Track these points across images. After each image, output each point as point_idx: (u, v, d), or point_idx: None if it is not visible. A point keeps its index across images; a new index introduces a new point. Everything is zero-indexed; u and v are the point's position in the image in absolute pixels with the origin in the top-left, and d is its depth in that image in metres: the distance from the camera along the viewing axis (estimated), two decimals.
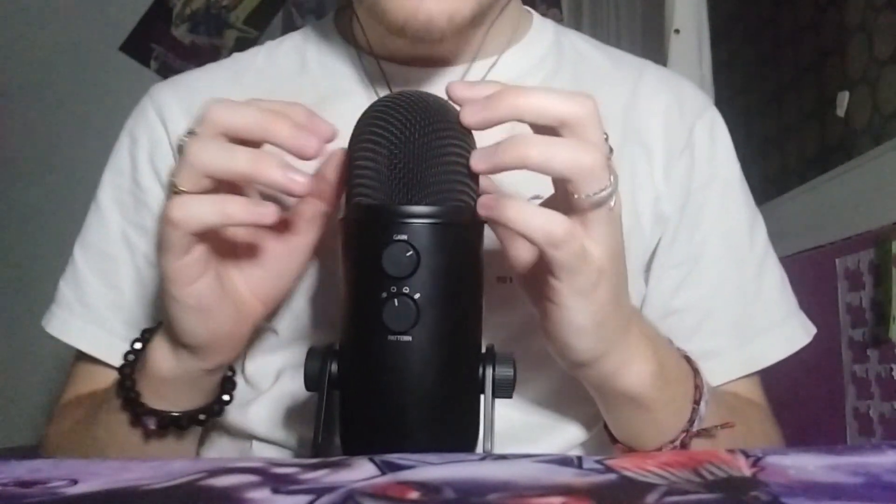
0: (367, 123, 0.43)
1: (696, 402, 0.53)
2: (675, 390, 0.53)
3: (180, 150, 0.45)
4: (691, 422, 0.53)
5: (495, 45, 0.64)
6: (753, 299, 0.64)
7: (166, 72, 2.26)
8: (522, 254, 0.47)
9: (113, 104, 2.02)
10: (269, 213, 0.44)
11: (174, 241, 0.44)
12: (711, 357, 0.62)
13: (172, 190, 0.45)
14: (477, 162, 0.42)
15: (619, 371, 0.49)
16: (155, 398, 0.53)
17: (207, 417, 0.55)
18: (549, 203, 0.46)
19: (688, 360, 0.56)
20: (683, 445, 0.53)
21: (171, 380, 0.52)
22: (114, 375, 0.59)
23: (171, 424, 0.54)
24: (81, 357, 0.65)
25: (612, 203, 0.43)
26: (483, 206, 0.42)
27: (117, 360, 0.59)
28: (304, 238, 0.51)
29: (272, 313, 0.54)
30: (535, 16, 0.69)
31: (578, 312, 0.45)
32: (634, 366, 0.50)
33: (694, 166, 0.64)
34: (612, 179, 0.42)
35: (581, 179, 0.42)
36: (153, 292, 0.63)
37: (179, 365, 0.51)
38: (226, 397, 0.57)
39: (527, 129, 0.44)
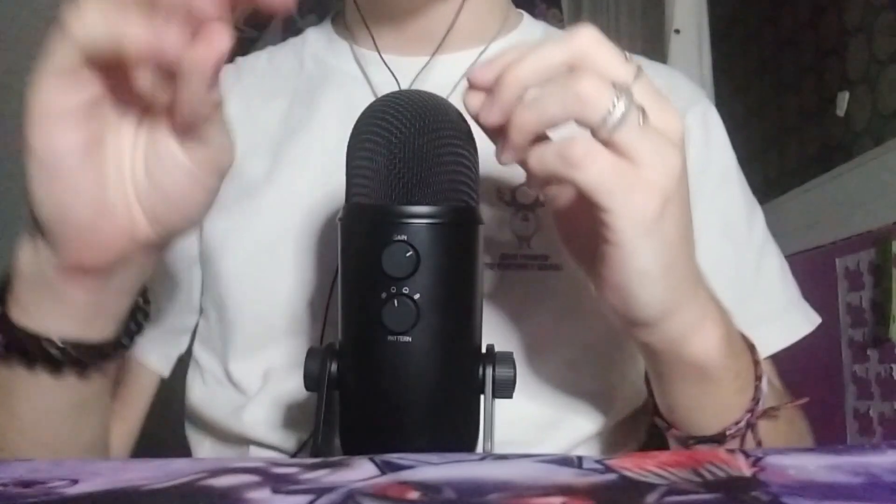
0: (366, 123, 0.43)
1: (758, 379, 0.49)
2: (741, 363, 0.48)
3: None
4: (756, 400, 0.49)
5: (484, 34, 0.65)
6: (752, 287, 0.64)
7: None
8: (566, 204, 0.43)
9: None
10: (171, 40, 0.35)
11: (57, 55, 0.36)
12: None
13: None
14: (485, 114, 0.40)
15: (688, 334, 0.44)
16: (17, 308, 0.43)
17: (79, 359, 0.44)
18: None
19: (744, 336, 0.51)
20: (750, 427, 0.49)
21: (26, 277, 0.42)
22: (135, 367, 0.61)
23: (16, 348, 0.43)
24: None
25: (638, 119, 0.38)
26: (506, 157, 0.41)
27: (142, 354, 0.61)
28: (211, 151, 0.41)
29: (162, 244, 0.43)
30: (526, 15, 0.71)
31: (642, 250, 0.39)
32: (705, 329, 0.44)
33: (688, 153, 0.64)
34: (619, 98, 0.38)
35: (582, 111, 0.38)
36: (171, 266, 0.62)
37: (34, 256, 0.42)
38: (119, 343, 0.46)
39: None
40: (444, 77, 0.63)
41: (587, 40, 0.39)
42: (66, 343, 0.43)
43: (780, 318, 0.64)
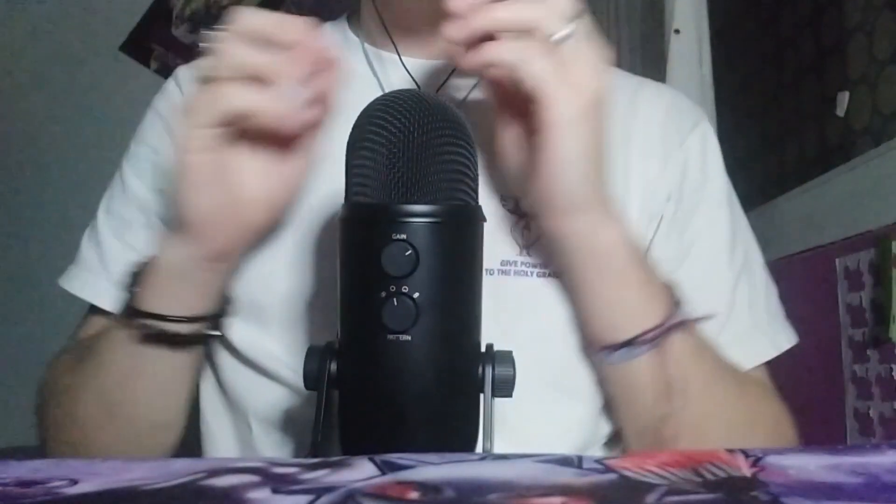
0: (366, 122, 0.43)
1: (676, 305, 0.55)
2: (651, 277, 0.55)
3: (205, 52, 0.50)
4: (669, 315, 0.54)
5: None
6: (727, 309, 0.64)
7: (166, 72, 2.26)
8: (509, 100, 0.51)
9: (113, 104, 2.02)
10: (297, 108, 0.48)
11: (200, 115, 0.49)
12: None
13: (204, 81, 0.49)
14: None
15: (598, 227, 0.52)
16: (153, 299, 0.55)
17: (199, 333, 0.56)
18: None
19: (670, 284, 0.57)
20: (667, 332, 0.54)
21: (170, 268, 0.54)
22: None
23: (160, 335, 0.55)
24: (93, 313, 0.68)
25: (578, 41, 0.48)
26: (467, 60, 0.49)
27: None
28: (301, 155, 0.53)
29: (267, 223, 0.55)
30: None
31: (567, 137, 0.48)
32: (611, 226, 0.53)
33: (687, 171, 0.66)
34: (569, 22, 0.48)
35: (542, 20, 0.48)
36: None
37: (179, 249, 0.53)
38: (220, 312, 0.58)
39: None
40: (460, 79, 0.65)
41: None
42: (188, 318, 0.55)
43: (742, 343, 0.64)
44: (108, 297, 0.65)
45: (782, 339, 0.66)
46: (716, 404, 0.58)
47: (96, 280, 0.66)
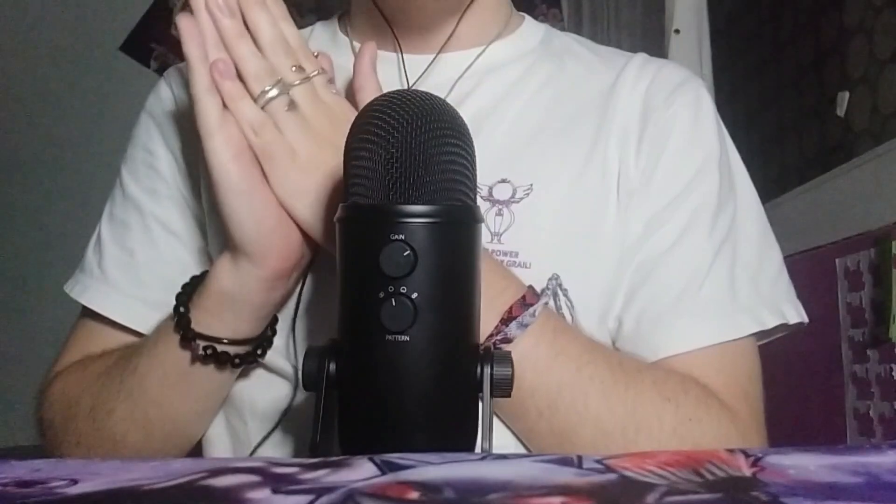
0: (364, 122, 0.43)
1: (510, 312, 0.53)
2: (496, 271, 0.54)
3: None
4: (504, 321, 0.52)
5: (484, 36, 0.67)
6: (702, 279, 0.61)
7: (156, 82, 2.26)
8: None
9: (113, 104, 2.02)
10: None
11: (233, 132, 0.52)
12: (649, 323, 0.60)
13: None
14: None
15: None
16: (207, 320, 0.55)
17: (249, 354, 0.57)
18: None
19: (525, 285, 0.55)
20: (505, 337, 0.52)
21: (227, 292, 0.55)
22: (123, 336, 0.64)
23: (214, 356, 0.56)
24: (86, 319, 0.68)
25: (285, 106, 0.53)
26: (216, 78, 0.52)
27: (125, 318, 0.64)
28: None
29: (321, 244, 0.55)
30: (528, 18, 0.72)
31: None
32: None
33: (672, 131, 0.64)
34: (277, 84, 0.53)
35: (249, 78, 0.53)
36: (165, 253, 0.66)
37: (237, 273, 0.54)
38: (270, 333, 0.59)
39: None
40: (441, 75, 0.65)
41: (282, 32, 0.55)
42: (240, 341, 0.56)
43: (723, 315, 0.60)
44: (103, 301, 0.65)
45: (771, 315, 0.62)
46: (578, 414, 0.54)
47: (95, 285, 0.67)
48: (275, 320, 0.59)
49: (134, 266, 0.66)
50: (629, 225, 0.62)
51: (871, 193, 1.24)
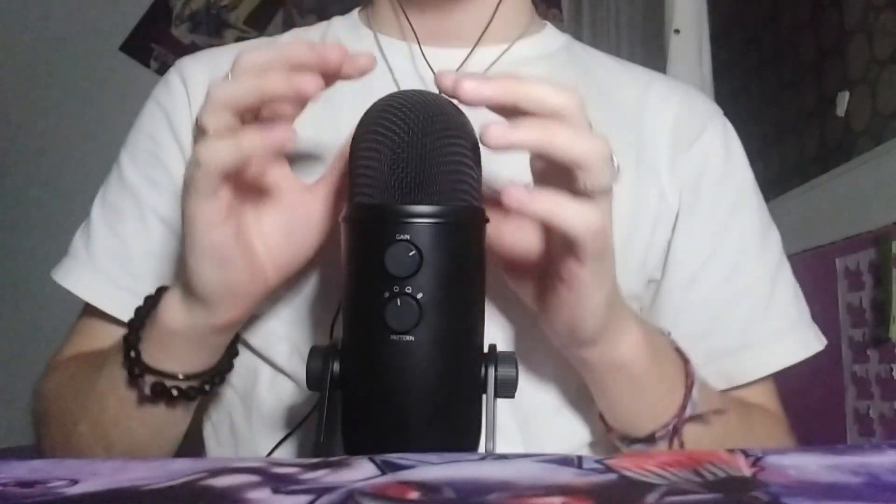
0: (370, 122, 0.43)
1: (689, 389, 0.54)
2: (666, 368, 0.54)
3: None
4: (684, 407, 0.54)
5: (508, 33, 0.66)
6: (766, 304, 0.64)
7: (166, 72, 2.26)
8: (530, 246, 0.48)
9: (113, 104, 2.02)
10: (280, 133, 0.44)
11: (200, 182, 0.45)
12: (722, 357, 0.62)
13: (200, 133, 0.46)
14: (494, 137, 0.40)
15: (614, 341, 0.51)
16: (158, 355, 0.53)
17: (201, 387, 0.55)
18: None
19: (678, 350, 0.56)
20: (675, 431, 0.53)
21: (178, 333, 0.52)
22: (115, 331, 0.61)
23: (164, 394, 0.53)
24: (87, 313, 0.66)
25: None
26: (513, 199, 0.41)
27: (116, 310, 0.62)
28: (319, 205, 0.52)
29: (283, 283, 0.53)
30: (550, 25, 0.72)
31: (596, 293, 0.46)
32: (627, 334, 0.51)
33: (707, 163, 0.65)
34: (615, 167, 0.45)
35: (595, 167, 0.42)
36: (160, 247, 0.63)
37: (189, 318, 0.51)
38: (224, 368, 0.56)
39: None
40: (465, 71, 0.63)
41: (580, 104, 0.43)
42: (193, 375, 0.54)
43: (792, 335, 0.64)
44: (93, 288, 0.63)
45: (819, 335, 0.66)
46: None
47: (81, 270, 0.64)
48: (232, 353, 0.57)
49: (126, 255, 0.64)
50: (674, 254, 0.64)
51: (871, 193, 1.24)
